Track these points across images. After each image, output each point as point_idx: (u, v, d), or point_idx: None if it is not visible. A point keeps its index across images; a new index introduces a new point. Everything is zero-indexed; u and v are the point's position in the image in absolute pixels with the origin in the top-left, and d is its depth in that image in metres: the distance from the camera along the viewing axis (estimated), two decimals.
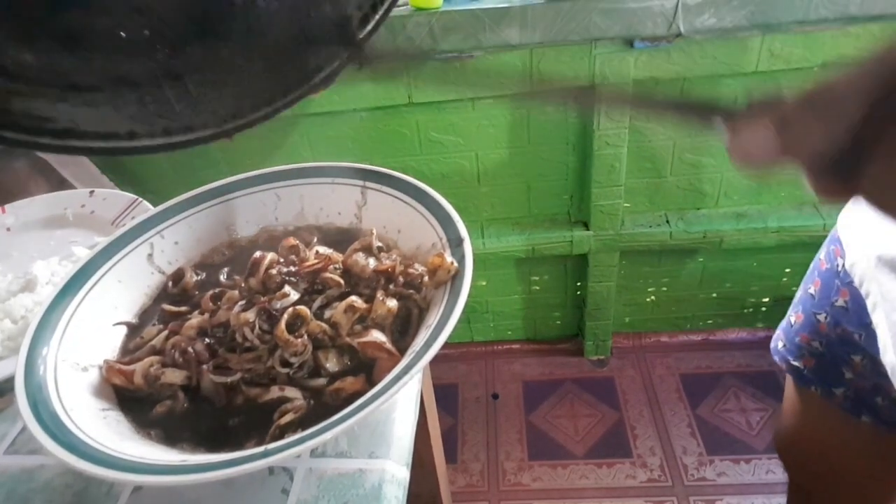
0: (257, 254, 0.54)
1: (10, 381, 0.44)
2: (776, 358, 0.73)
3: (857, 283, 0.58)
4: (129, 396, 0.48)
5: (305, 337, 0.48)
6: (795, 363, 0.69)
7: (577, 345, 1.58)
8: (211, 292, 0.54)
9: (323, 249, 0.56)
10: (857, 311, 0.59)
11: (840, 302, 0.61)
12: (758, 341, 1.52)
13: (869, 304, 0.56)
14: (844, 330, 0.61)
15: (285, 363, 0.47)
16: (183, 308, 0.55)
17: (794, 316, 0.70)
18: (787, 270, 1.39)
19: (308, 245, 0.58)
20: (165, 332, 0.51)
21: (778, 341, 0.73)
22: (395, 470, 0.44)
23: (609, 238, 1.30)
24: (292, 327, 0.48)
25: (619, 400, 1.46)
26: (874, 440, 0.65)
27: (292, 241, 0.57)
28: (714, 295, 1.47)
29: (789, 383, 0.73)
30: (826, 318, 0.63)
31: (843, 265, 0.60)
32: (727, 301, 1.48)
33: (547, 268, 1.45)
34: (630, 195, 1.29)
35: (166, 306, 0.55)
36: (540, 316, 1.56)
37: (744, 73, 1.08)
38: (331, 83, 0.40)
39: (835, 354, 0.63)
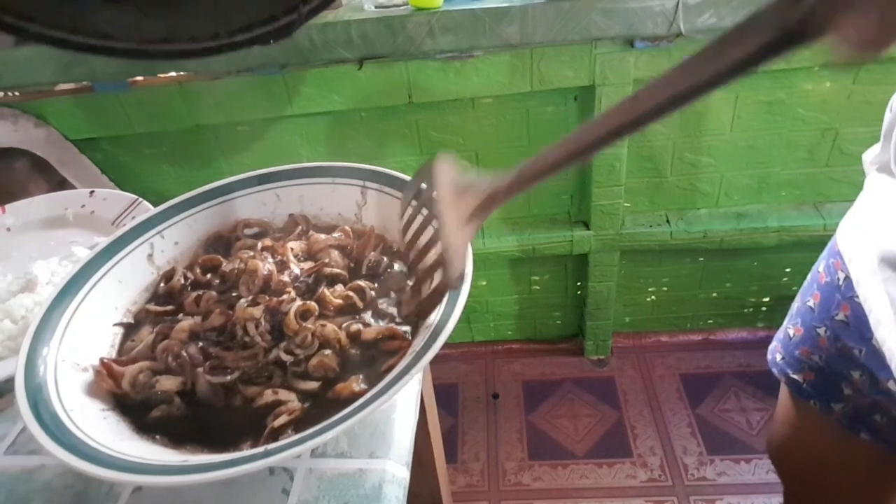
0: (247, 262, 0.54)
1: (10, 381, 0.44)
2: (774, 370, 0.72)
3: (861, 298, 0.56)
4: (123, 401, 0.47)
5: (314, 331, 0.48)
6: (794, 376, 0.68)
7: (577, 344, 1.58)
8: (195, 294, 0.53)
9: (295, 244, 0.57)
10: (858, 326, 0.58)
11: (840, 316, 0.60)
12: (758, 341, 1.52)
13: (872, 319, 0.55)
14: (844, 345, 0.60)
15: (289, 352, 0.47)
16: (169, 307, 0.54)
17: (792, 328, 0.69)
18: (788, 270, 1.39)
19: (289, 234, 0.59)
20: (153, 336, 0.51)
21: (776, 353, 0.72)
22: (396, 470, 0.44)
23: (609, 238, 1.30)
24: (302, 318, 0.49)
25: (619, 400, 1.46)
26: (871, 457, 0.64)
27: (268, 242, 0.58)
28: (714, 295, 1.47)
29: (784, 393, 0.72)
30: (826, 332, 0.62)
31: (844, 278, 0.59)
32: (727, 301, 1.48)
33: (547, 267, 1.45)
34: (630, 195, 1.29)
35: (150, 307, 0.55)
36: (540, 316, 1.56)
37: None
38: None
39: (834, 369, 0.63)
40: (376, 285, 0.54)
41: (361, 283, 0.53)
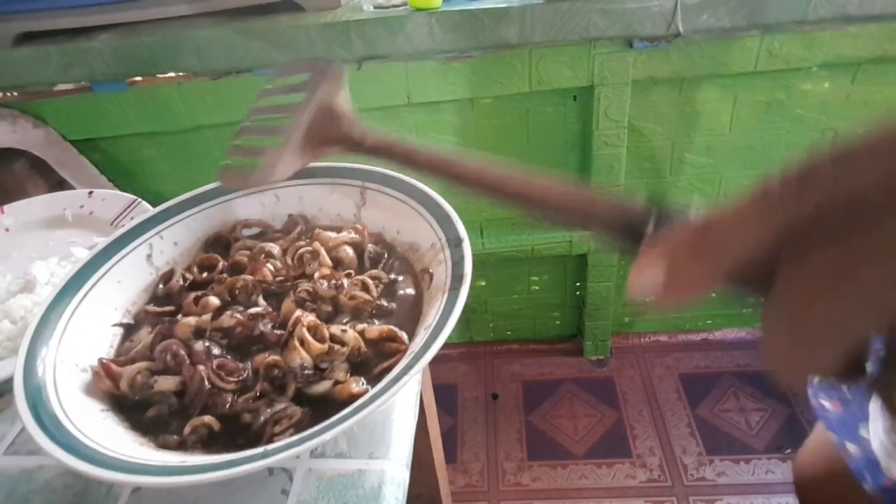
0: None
1: (8, 381, 0.44)
2: (809, 392, 0.69)
3: None
4: (122, 401, 0.47)
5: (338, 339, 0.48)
6: (825, 403, 0.66)
7: (576, 345, 1.58)
8: (194, 295, 0.53)
9: (303, 250, 0.56)
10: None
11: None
12: (757, 341, 1.52)
13: None
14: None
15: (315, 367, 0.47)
16: (167, 308, 0.54)
17: None
18: None
19: (288, 233, 0.58)
20: (151, 336, 0.50)
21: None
22: (395, 470, 0.44)
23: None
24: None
25: (618, 400, 1.46)
26: None
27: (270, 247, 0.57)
28: (713, 294, 1.47)
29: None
30: None
31: None
32: (726, 301, 1.48)
33: (546, 268, 1.45)
34: (629, 195, 1.29)
35: (149, 308, 0.54)
36: (539, 316, 1.56)
37: (743, 73, 1.08)
38: None
39: (859, 404, 0.61)
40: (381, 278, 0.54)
41: (367, 279, 0.53)
